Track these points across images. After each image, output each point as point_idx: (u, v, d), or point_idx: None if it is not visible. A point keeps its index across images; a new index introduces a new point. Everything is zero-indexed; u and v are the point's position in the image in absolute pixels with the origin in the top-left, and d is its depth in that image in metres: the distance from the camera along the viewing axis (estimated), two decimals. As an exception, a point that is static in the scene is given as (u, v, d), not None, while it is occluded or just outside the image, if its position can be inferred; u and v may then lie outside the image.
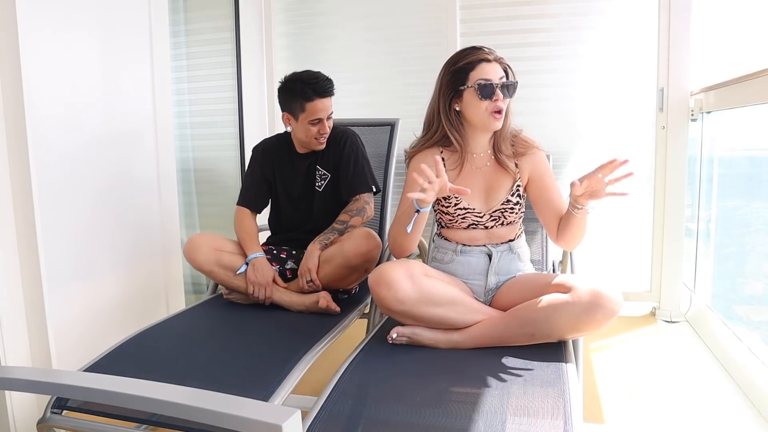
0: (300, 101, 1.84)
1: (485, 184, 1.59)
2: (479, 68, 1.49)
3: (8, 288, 1.64)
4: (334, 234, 1.86)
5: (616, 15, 2.55)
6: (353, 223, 1.89)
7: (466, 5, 2.66)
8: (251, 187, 2.02)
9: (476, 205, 1.58)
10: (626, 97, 2.58)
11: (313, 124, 1.86)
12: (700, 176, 2.58)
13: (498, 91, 1.48)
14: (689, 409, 1.78)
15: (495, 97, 1.48)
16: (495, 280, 1.59)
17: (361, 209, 1.92)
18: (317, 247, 1.82)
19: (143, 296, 2.22)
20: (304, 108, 1.84)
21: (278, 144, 2.03)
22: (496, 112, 1.49)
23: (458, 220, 1.59)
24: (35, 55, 1.70)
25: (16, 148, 1.65)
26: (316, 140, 1.91)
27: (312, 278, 1.78)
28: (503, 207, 1.57)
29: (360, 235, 1.78)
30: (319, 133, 1.89)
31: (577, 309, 1.32)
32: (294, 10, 2.92)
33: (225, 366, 1.37)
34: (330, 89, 1.86)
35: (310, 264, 1.79)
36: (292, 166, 1.99)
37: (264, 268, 1.81)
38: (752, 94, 1.99)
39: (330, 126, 1.91)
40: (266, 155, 2.02)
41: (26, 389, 0.93)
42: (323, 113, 1.85)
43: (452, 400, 1.16)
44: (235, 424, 0.73)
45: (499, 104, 1.49)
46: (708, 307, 2.40)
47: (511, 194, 1.58)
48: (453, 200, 1.58)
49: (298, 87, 1.84)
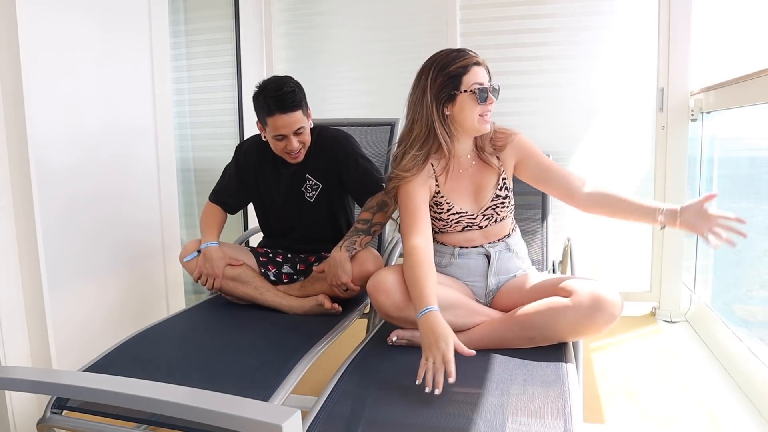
0: (263, 115, 1.72)
1: (473, 185, 1.58)
2: (472, 72, 1.47)
3: (8, 288, 1.64)
4: (360, 236, 1.73)
5: (616, 15, 2.55)
6: (377, 221, 1.76)
7: (466, 5, 2.66)
8: (226, 188, 1.94)
9: (467, 207, 1.57)
10: (626, 97, 2.58)
11: (278, 139, 1.74)
12: (700, 176, 2.58)
13: (490, 95, 1.48)
14: (689, 409, 1.78)
15: (489, 101, 1.48)
16: (495, 281, 1.59)
17: (382, 203, 1.76)
18: (346, 256, 1.68)
19: (143, 296, 2.22)
20: (267, 123, 1.72)
21: (264, 146, 1.88)
22: (486, 114, 1.49)
23: (452, 224, 1.58)
24: (35, 55, 1.70)
25: (16, 148, 1.64)
26: (288, 155, 1.78)
27: (349, 287, 1.69)
28: (493, 204, 1.56)
29: (364, 257, 1.70)
30: (287, 150, 1.76)
31: (578, 313, 1.32)
32: (294, 10, 2.92)
33: (225, 366, 1.37)
34: (293, 104, 1.69)
35: (344, 278, 1.66)
36: (276, 172, 1.89)
37: (215, 258, 1.76)
38: (752, 94, 1.99)
39: (303, 141, 1.77)
40: (249, 159, 1.90)
41: (26, 389, 0.93)
42: (286, 129, 1.71)
43: (452, 400, 1.16)
44: (235, 424, 0.73)
45: (489, 107, 1.49)
46: (708, 307, 2.40)
47: (498, 189, 1.56)
48: (445, 206, 1.56)
49: (260, 99, 1.71)
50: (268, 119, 1.71)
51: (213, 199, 1.96)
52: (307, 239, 1.91)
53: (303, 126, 1.74)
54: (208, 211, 1.93)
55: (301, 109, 1.73)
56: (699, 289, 2.59)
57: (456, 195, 1.57)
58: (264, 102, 1.70)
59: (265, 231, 2.03)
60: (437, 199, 1.57)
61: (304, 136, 1.77)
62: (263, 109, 1.72)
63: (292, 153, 1.77)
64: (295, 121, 1.71)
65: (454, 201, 1.56)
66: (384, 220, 1.78)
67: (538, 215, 2.14)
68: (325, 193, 1.87)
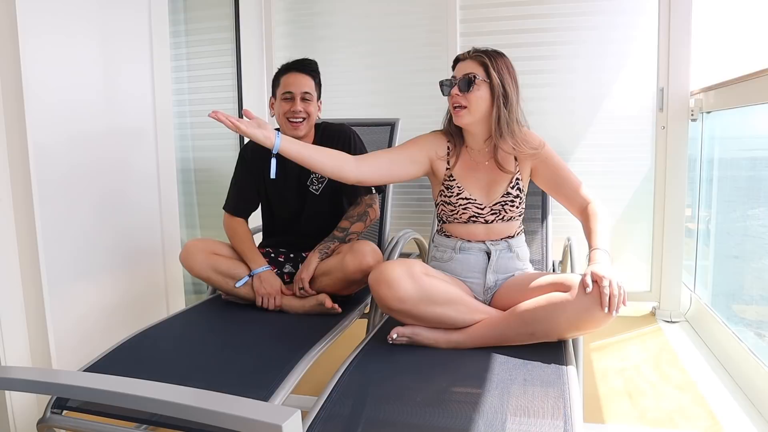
0: (278, 77, 1.88)
1: (486, 179, 1.60)
2: (456, 67, 1.57)
3: (8, 288, 1.64)
4: (334, 242, 1.84)
5: (615, 15, 2.54)
6: (354, 230, 1.86)
7: (466, 5, 2.66)
8: (240, 194, 1.97)
9: (477, 196, 1.59)
10: (626, 97, 2.58)
11: (285, 99, 1.83)
12: (700, 176, 2.58)
13: (456, 87, 1.53)
14: (689, 409, 1.78)
15: (453, 92, 1.53)
16: (494, 279, 1.59)
17: (363, 214, 1.88)
18: (317, 257, 1.80)
19: (143, 296, 2.22)
20: (279, 82, 1.86)
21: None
22: (455, 107, 1.54)
23: (459, 210, 1.59)
24: (35, 55, 1.70)
25: (16, 148, 1.64)
26: (289, 122, 1.83)
27: (304, 288, 1.76)
28: (503, 200, 1.58)
29: (362, 251, 1.73)
30: (290, 111, 1.82)
31: (578, 308, 1.32)
32: (294, 10, 2.92)
33: (225, 366, 1.37)
34: (309, 67, 1.86)
35: (304, 274, 1.77)
36: (282, 165, 1.89)
37: (271, 279, 1.80)
38: (752, 94, 1.99)
39: (308, 111, 1.84)
40: (255, 157, 1.94)
41: (26, 389, 0.93)
42: (294, 87, 1.82)
43: (452, 400, 1.16)
44: (235, 424, 0.73)
45: (454, 99, 1.53)
46: (708, 307, 2.40)
47: (511, 187, 1.58)
48: (455, 189, 1.59)
49: (281, 68, 1.89)
50: (282, 78, 1.85)
51: (232, 212, 1.96)
52: (310, 233, 1.92)
53: (311, 93, 1.85)
54: (233, 227, 1.93)
55: (314, 78, 1.87)
56: (699, 289, 2.59)
57: (468, 183, 1.60)
58: (283, 66, 1.88)
59: (267, 228, 2.04)
60: (448, 182, 1.60)
61: (310, 106, 1.85)
62: (280, 72, 1.88)
63: (295, 117, 1.83)
64: (305, 83, 1.84)
65: (466, 187, 1.59)
66: (361, 230, 1.88)
67: (538, 215, 2.14)
68: (330, 185, 1.91)
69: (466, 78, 1.51)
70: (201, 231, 2.98)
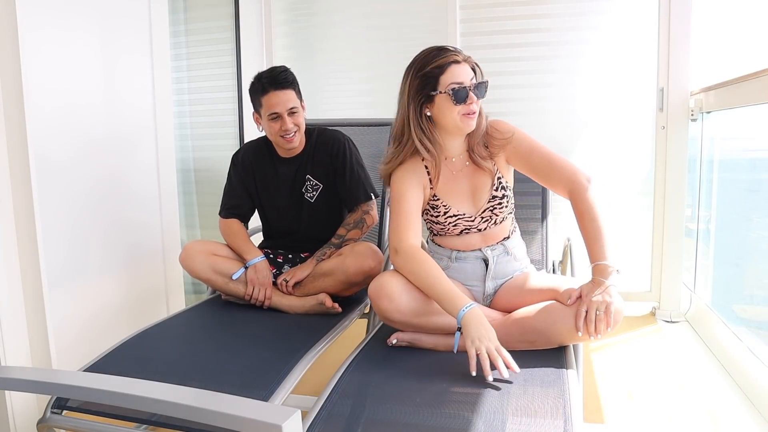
0: (258, 97, 1.77)
1: (469, 186, 1.54)
2: (449, 71, 1.40)
3: (8, 288, 1.64)
4: (331, 248, 1.84)
5: (616, 15, 2.55)
6: (351, 237, 1.85)
7: (466, 5, 2.66)
8: (235, 198, 1.95)
9: (465, 209, 1.54)
10: (626, 97, 2.58)
11: (273, 120, 1.76)
12: (700, 176, 2.58)
13: (471, 94, 1.42)
14: (689, 409, 1.78)
15: (469, 100, 1.42)
16: (493, 285, 1.58)
17: (359, 221, 1.87)
18: (313, 263, 1.81)
19: (143, 296, 2.22)
20: (262, 103, 1.76)
21: (259, 149, 1.93)
22: (469, 114, 1.43)
23: (449, 228, 1.56)
24: (35, 55, 1.70)
25: (16, 149, 1.64)
26: (282, 138, 1.79)
27: (288, 284, 1.77)
28: (490, 205, 1.53)
29: (363, 252, 1.73)
30: (281, 130, 1.77)
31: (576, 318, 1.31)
32: (294, 10, 2.92)
33: (225, 366, 1.37)
34: (285, 81, 1.74)
35: (297, 273, 1.78)
36: (275, 173, 1.91)
37: (266, 270, 1.81)
38: (752, 94, 1.99)
39: (297, 123, 1.79)
40: (246, 163, 1.93)
41: (26, 389, 0.93)
42: (279, 107, 1.74)
43: (452, 401, 1.16)
44: (235, 424, 0.73)
45: (472, 107, 1.43)
46: (708, 307, 2.40)
47: (494, 189, 1.53)
48: (441, 209, 1.54)
49: (255, 84, 1.78)
50: (263, 99, 1.75)
51: (226, 215, 1.95)
52: (308, 239, 1.91)
53: (296, 106, 1.78)
54: (231, 227, 1.92)
55: (294, 89, 1.78)
56: (699, 289, 2.59)
57: (452, 197, 1.54)
58: (258, 84, 1.77)
59: (265, 232, 2.04)
60: (433, 202, 1.55)
61: (298, 118, 1.80)
62: (258, 92, 1.77)
63: (287, 134, 1.78)
64: (288, 99, 1.75)
65: (451, 203, 1.54)
66: (358, 237, 1.87)
67: (538, 215, 2.13)
68: (326, 192, 1.89)
69: (483, 85, 1.45)
70: (201, 231, 2.98)
